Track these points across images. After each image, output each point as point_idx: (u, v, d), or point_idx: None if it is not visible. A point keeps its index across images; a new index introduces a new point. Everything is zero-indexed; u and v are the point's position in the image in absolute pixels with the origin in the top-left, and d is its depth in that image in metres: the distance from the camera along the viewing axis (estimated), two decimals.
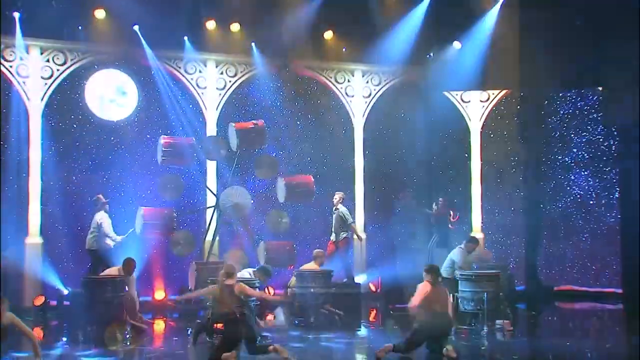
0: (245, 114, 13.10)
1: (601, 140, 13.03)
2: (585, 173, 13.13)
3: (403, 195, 13.75)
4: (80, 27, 11.81)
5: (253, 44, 12.83)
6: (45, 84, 11.72)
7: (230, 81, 12.98)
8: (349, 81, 13.78)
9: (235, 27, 12.73)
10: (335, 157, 13.75)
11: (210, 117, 12.82)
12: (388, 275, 12.28)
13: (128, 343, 8.68)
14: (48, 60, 11.75)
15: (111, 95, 12.27)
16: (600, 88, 12.92)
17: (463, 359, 8.18)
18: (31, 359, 7.95)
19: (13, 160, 11.60)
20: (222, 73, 12.95)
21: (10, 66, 11.55)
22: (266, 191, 12.86)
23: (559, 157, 13.37)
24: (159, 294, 11.73)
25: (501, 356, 7.97)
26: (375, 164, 13.83)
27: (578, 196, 13.20)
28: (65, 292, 11.00)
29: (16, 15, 11.31)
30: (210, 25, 12.59)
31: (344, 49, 13.47)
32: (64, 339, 9.41)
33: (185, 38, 12.50)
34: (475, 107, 13.95)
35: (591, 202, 13.08)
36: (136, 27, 11.98)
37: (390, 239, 13.77)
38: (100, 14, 11.81)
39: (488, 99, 13.92)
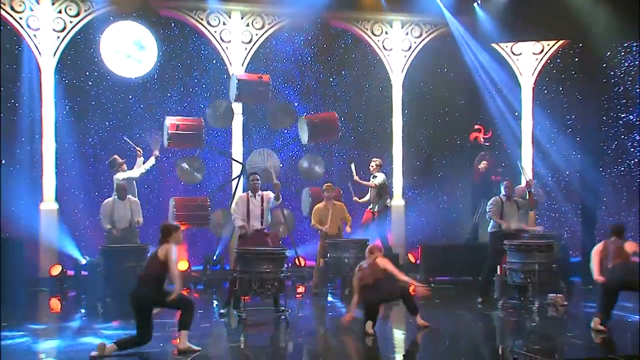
0: (273, 70, 13.00)
1: None
2: None
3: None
4: None
5: None
6: (58, 37, 11.69)
7: (257, 34, 12.81)
8: (386, 33, 13.52)
9: None
10: (372, 117, 13.61)
11: (236, 73, 12.67)
12: (429, 245, 12.16)
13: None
14: (60, 12, 11.70)
15: (128, 50, 12.21)
16: None
17: (511, 336, 8.11)
18: (47, 331, 8.09)
19: (25, 120, 11.68)
20: (248, 25, 12.78)
21: (20, 18, 11.54)
22: (296, 154, 12.80)
23: (622, 115, 12.99)
24: (182, 265, 11.78)
25: (554, 333, 7.82)
26: (415, 124, 13.64)
27: None
28: (83, 261, 11.13)
29: None
30: None
31: None
32: (82, 310, 9.57)
33: None
34: (528, 60, 13.60)
35: None
36: None
37: (431, 206, 13.64)
38: None
39: (542, 51, 13.56)
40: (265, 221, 9.12)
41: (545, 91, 13.54)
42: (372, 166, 11.60)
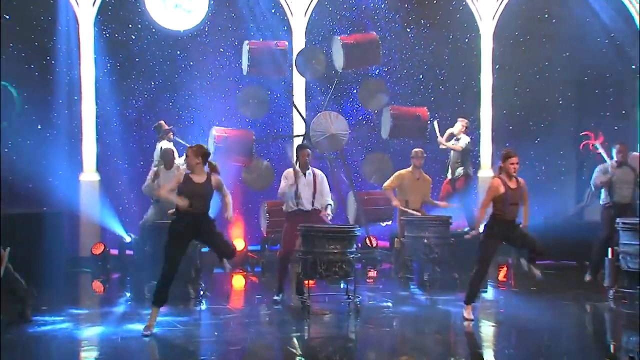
0: (340, 21, 12.91)
1: None
2: None
3: None
4: None
5: None
6: None
7: None
8: None
9: None
10: (456, 73, 13.46)
11: (297, 25, 12.66)
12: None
13: (202, 301, 8.84)
14: None
15: None
16: None
17: (625, 331, 7.85)
18: (89, 316, 8.28)
19: (62, 79, 11.93)
20: None
21: None
22: (366, 117, 12.71)
23: None
24: (238, 244, 11.88)
25: None
26: (508, 81, 13.40)
27: None
28: (128, 239, 11.36)
29: None
30: None
31: None
32: (127, 294, 9.78)
33: None
34: None
35: None
36: None
37: (527, 178, 13.30)
38: None
39: None
40: (321, 202, 8.59)
41: None
42: (456, 128, 11.45)
